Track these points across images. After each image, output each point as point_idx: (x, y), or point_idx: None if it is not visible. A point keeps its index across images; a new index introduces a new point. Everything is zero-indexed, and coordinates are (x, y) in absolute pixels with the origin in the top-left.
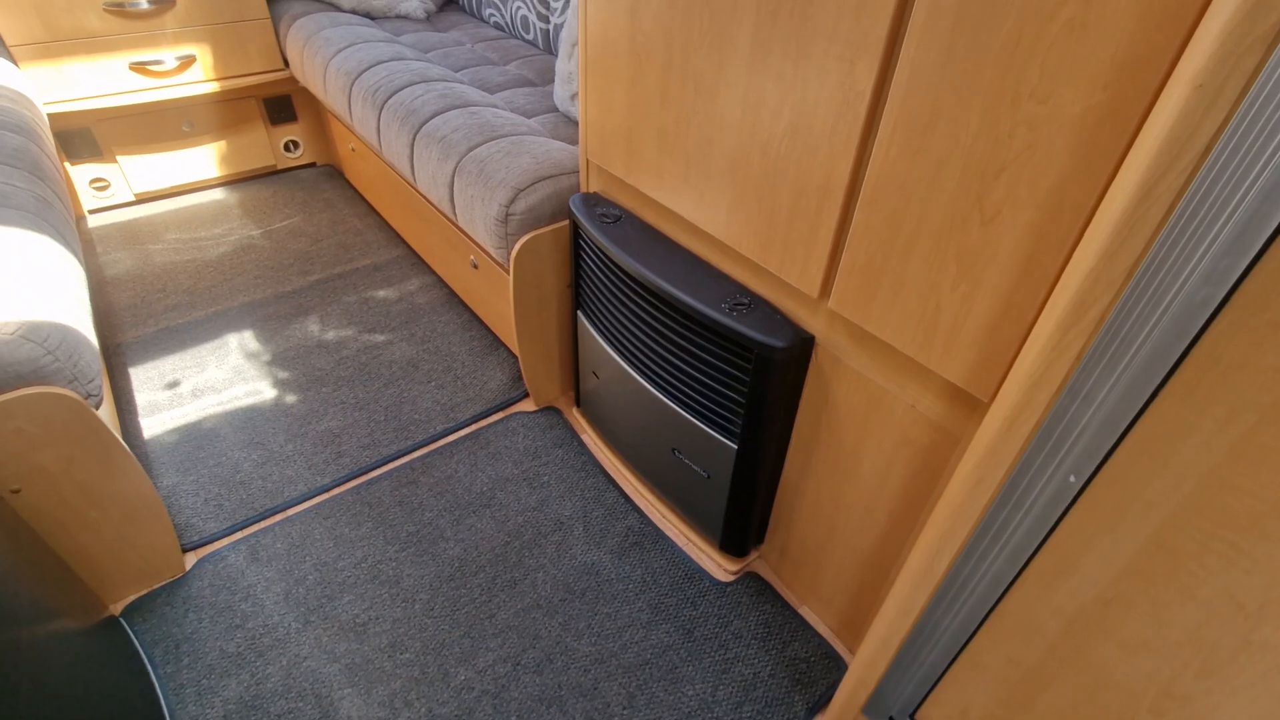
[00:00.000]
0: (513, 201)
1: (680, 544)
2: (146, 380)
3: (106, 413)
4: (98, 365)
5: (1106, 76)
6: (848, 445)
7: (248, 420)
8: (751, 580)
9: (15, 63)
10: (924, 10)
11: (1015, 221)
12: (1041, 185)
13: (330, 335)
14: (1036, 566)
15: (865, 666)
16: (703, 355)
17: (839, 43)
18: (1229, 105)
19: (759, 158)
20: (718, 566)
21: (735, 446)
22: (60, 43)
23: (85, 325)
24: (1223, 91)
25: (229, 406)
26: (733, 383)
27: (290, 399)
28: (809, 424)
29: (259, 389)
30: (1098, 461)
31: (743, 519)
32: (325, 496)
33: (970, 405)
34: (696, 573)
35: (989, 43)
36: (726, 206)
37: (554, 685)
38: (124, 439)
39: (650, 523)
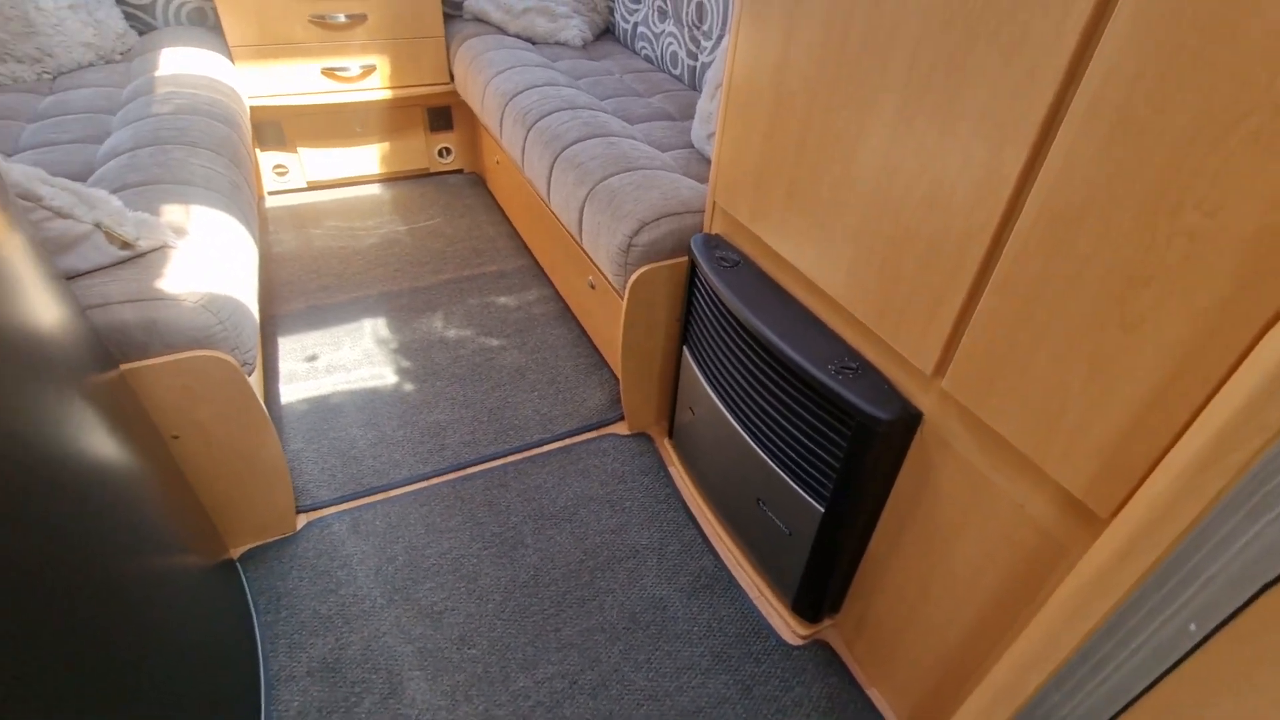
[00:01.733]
0: (636, 233)
1: (751, 595)
2: (290, 351)
3: (255, 379)
4: (256, 337)
5: None
6: (943, 531)
7: (368, 401)
8: (820, 649)
9: (232, 61)
10: (1087, 101)
11: (1161, 334)
12: (1197, 301)
13: (451, 333)
14: (1140, 712)
15: None
16: (801, 413)
17: (989, 123)
18: None
19: (888, 224)
20: (787, 627)
21: (822, 509)
22: (270, 46)
23: (251, 301)
24: None
25: (355, 386)
26: (829, 445)
27: (408, 387)
28: (904, 501)
29: (382, 373)
30: (1225, 615)
31: (820, 583)
32: (424, 484)
33: (1085, 517)
34: (764, 629)
35: (1154, 146)
36: (847, 267)
37: (606, 712)
38: (265, 403)
39: (724, 568)
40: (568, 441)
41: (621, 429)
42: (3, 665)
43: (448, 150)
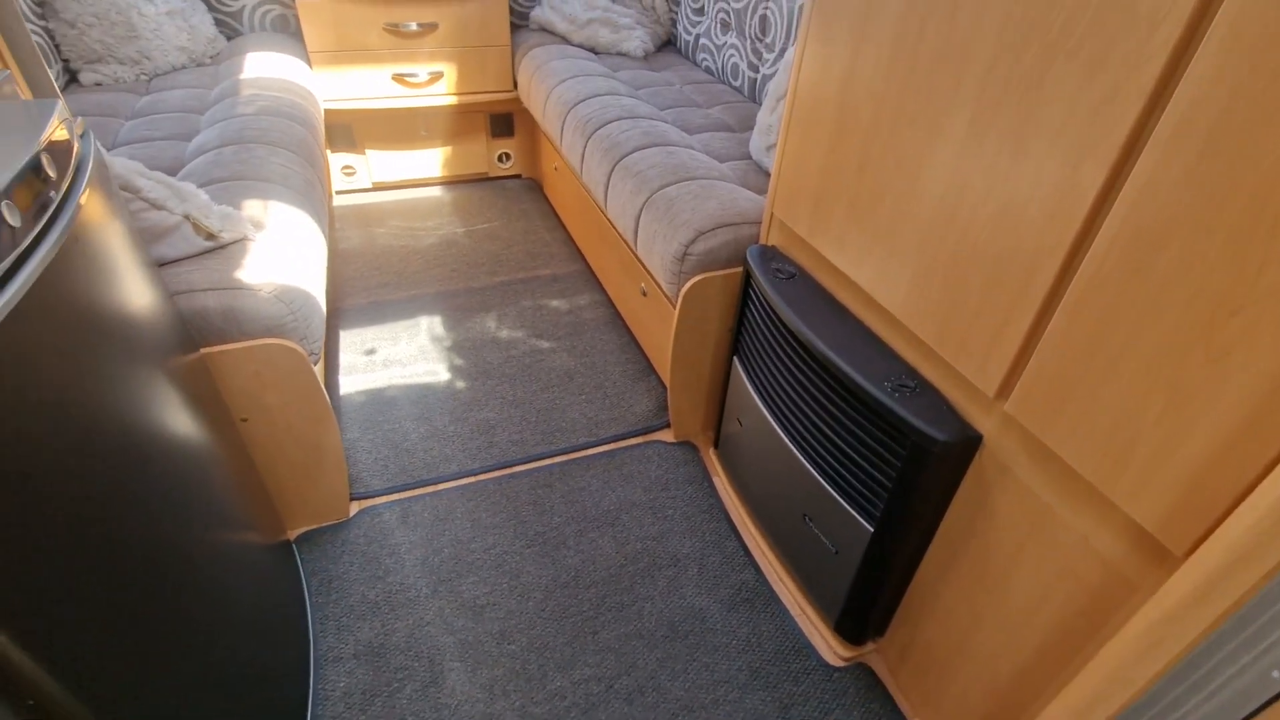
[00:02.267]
0: (693, 242)
1: (793, 612)
2: (350, 344)
3: (319, 369)
4: (322, 329)
5: None
6: (999, 560)
7: (422, 396)
8: (862, 673)
9: (310, 65)
10: (1173, 124)
11: (1249, 367)
12: None
13: (504, 334)
14: None
15: None
16: (855, 430)
17: (1066, 141)
18: None
19: (954, 242)
20: (829, 648)
21: (871, 529)
22: (345, 52)
23: (320, 293)
24: None
25: (410, 380)
26: (882, 464)
27: (460, 384)
28: (959, 525)
29: (436, 370)
30: None
31: (866, 605)
32: (472, 480)
33: (1157, 554)
34: (804, 648)
35: (1246, 169)
36: (908, 284)
37: (640, 719)
38: (326, 392)
39: (765, 582)
40: (613, 446)
41: (667, 436)
42: (96, 620)
43: (507, 156)
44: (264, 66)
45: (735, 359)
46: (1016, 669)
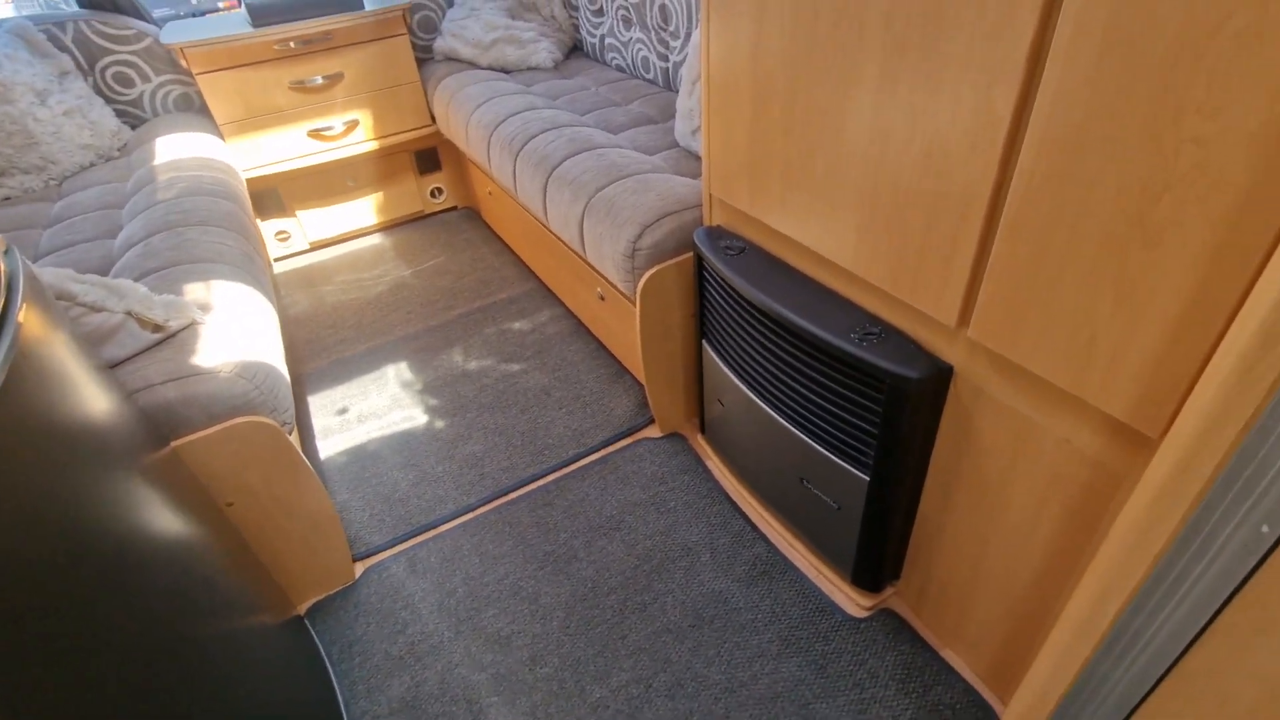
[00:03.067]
0: (639, 237)
1: (810, 575)
2: (321, 407)
3: (294, 438)
4: (290, 397)
5: None
6: (993, 481)
7: (404, 443)
8: (887, 618)
9: (223, 138)
10: (1069, 29)
11: (1185, 244)
12: (1215, 205)
13: (473, 365)
14: (1225, 622)
15: (1021, 719)
16: (832, 385)
17: (973, 69)
18: None
19: (888, 187)
20: (850, 601)
21: (867, 478)
22: (256, 118)
23: (280, 363)
24: None
25: (389, 431)
26: (864, 413)
27: (439, 424)
28: (948, 457)
29: (413, 415)
30: None
31: (876, 553)
32: (471, 515)
33: (1136, 441)
34: (828, 606)
35: (1144, 60)
36: (854, 236)
37: (686, 711)
38: (307, 460)
39: (778, 552)
40: (603, 452)
41: (653, 432)
42: None
43: (439, 190)
44: (176, 148)
45: (704, 342)
46: (1028, 582)
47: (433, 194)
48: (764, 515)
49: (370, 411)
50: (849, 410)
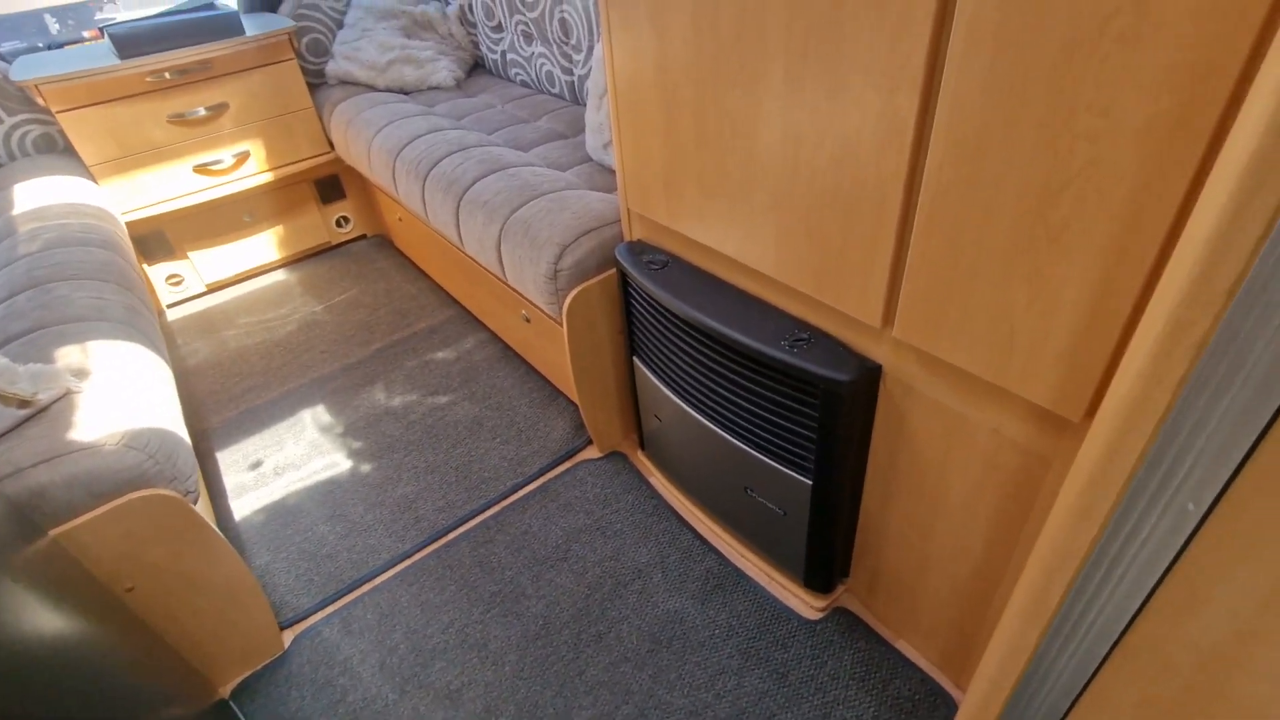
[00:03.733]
0: (560, 258)
1: (763, 583)
2: (232, 463)
3: (202, 503)
4: (193, 462)
5: (1171, 84)
6: (930, 473)
7: (328, 493)
8: (841, 616)
9: (95, 180)
10: (962, 35)
11: (1088, 237)
12: (1113, 198)
13: (396, 401)
14: (1162, 599)
15: (978, 707)
16: (767, 393)
17: (876, 74)
18: None
19: (804, 192)
20: (804, 604)
21: (810, 482)
22: (132, 156)
23: (178, 425)
24: None
25: (310, 481)
26: (801, 419)
27: (365, 468)
28: (885, 453)
29: (336, 461)
30: (1218, 489)
31: (825, 554)
32: (408, 563)
33: (1060, 426)
34: (783, 613)
35: (1035, 61)
36: (775, 243)
37: None
38: (217, 524)
39: (729, 563)
40: (543, 480)
41: (592, 453)
42: None
43: (345, 219)
44: (39, 195)
45: (635, 359)
46: (973, 567)
47: (338, 223)
48: (712, 527)
49: (288, 462)
50: (786, 417)
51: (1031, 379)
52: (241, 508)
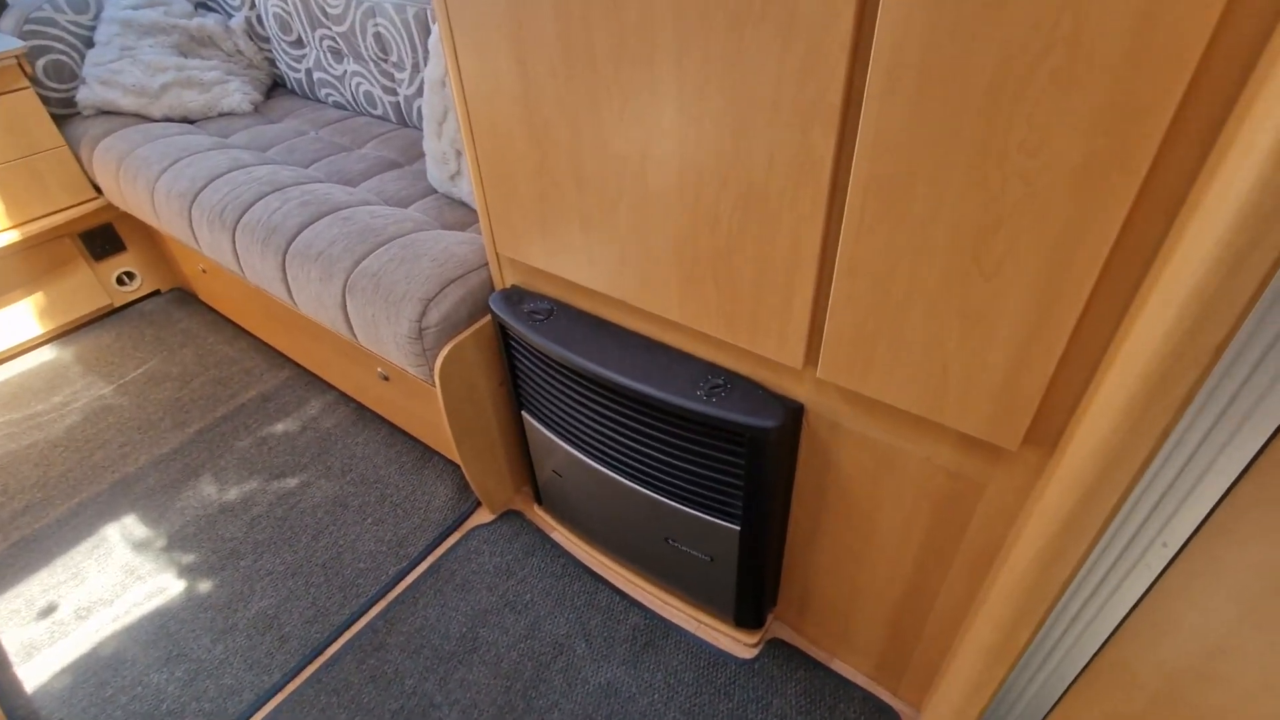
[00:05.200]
0: (423, 314)
1: (693, 630)
2: (12, 615)
3: None
4: None
5: (1106, 125)
6: (860, 503)
7: (159, 629)
8: (777, 648)
9: None
10: (882, 71)
11: (1022, 273)
12: (1047, 236)
13: (232, 494)
14: (1133, 627)
15: None
16: (685, 445)
17: (785, 110)
18: None
19: (707, 234)
20: (738, 644)
21: (738, 528)
22: None
23: None
24: None
25: (130, 618)
26: (726, 468)
27: (204, 587)
28: (811, 487)
29: (162, 585)
30: (1194, 526)
31: (755, 591)
32: (281, 697)
33: (993, 453)
34: (718, 658)
35: (964, 100)
36: (678, 287)
37: None
38: (3, 712)
39: (655, 615)
40: (431, 558)
41: (483, 516)
42: None
43: (129, 275)
44: None
45: (523, 413)
46: (905, 588)
47: (120, 280)
48: (631, 579)
49: (94, 599)
50: (709, 467)
51: (966, 412)
52: (35, 674)
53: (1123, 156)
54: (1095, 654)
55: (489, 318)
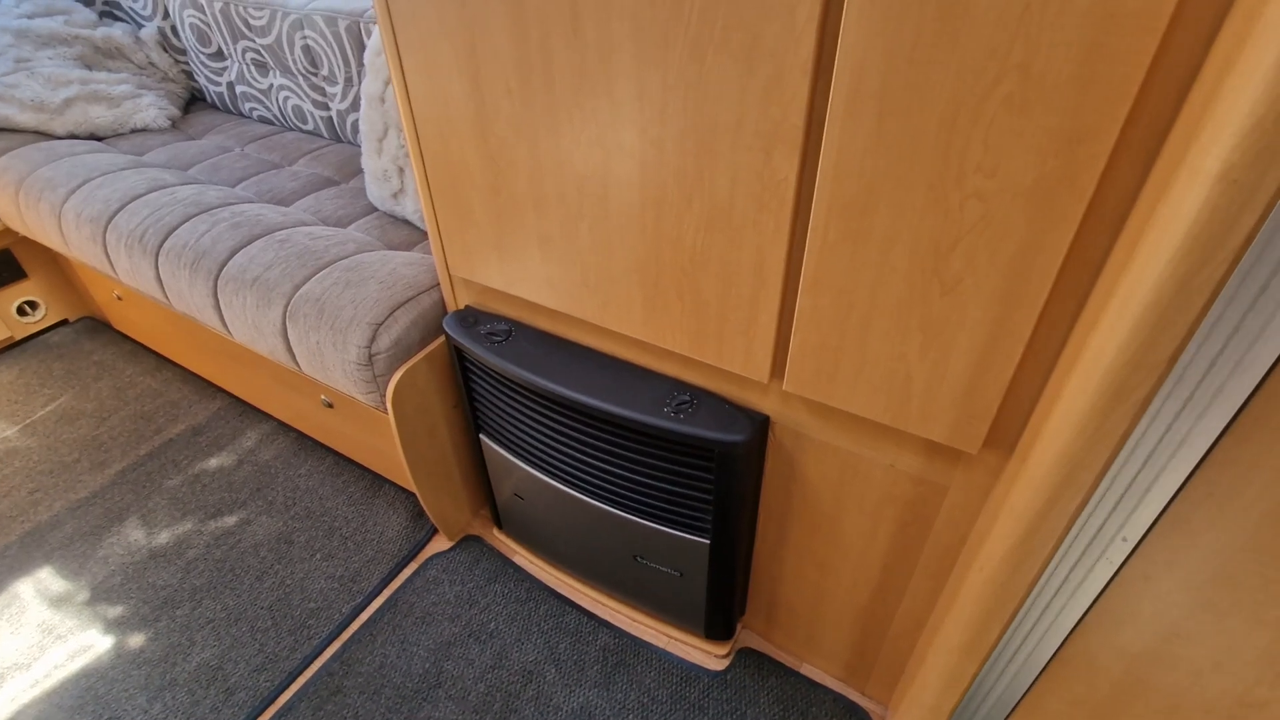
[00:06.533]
0: (373, 340)
1: (663, 646)
2: None
3: None
4: None
5: (1056, 147)
6: (825, 511)
7: (85, 691)
8: (747, 657)
9: None
10: (843, 97)
11: (980, 289)
12: (1003, 251)
13: (163, 537)
14: (1094, 619)
15: None
16: (654, 463)
17: (748, 134)
18: (1269, 197)
19: (671, 253)
20: (709, 656)
21: (708, 542)
22: None
23: None
24: (1260, 186)
25: (50, 683)
26: (694, 483)
27: (136, 641)
28: (777, 497)
29: (87, 643)
30: (1151, 520)
31: (726, 604)
32: None
33: (955, 457)
34: (691, 672)
35: (922, 124)
36: (642, 305)
37: None
38: None
39: (625, 634)
40: (388, 592)
41: (441, 544)
42: None
43: (32, 305)
44: None
45: (481, 435)
46: (871, 591)
47: (21, 311)
48: (599, 599)
49: (7, 665)
50: (677, 483)
51: (929, 419)
52: None
53: (1071, 177)
54: (1061, 645)
55: (442, 340)
